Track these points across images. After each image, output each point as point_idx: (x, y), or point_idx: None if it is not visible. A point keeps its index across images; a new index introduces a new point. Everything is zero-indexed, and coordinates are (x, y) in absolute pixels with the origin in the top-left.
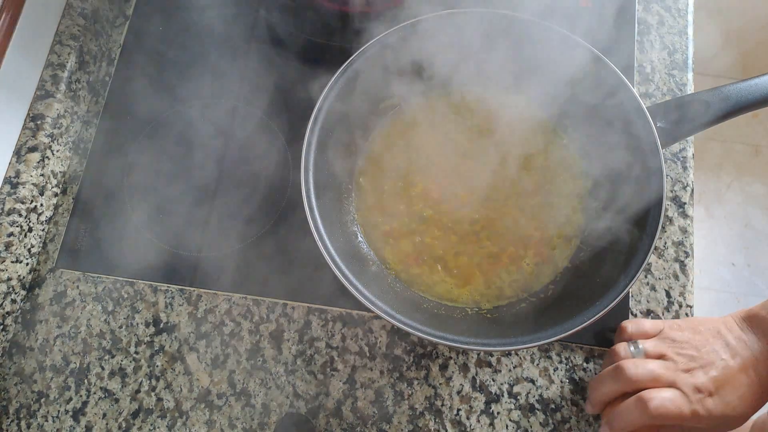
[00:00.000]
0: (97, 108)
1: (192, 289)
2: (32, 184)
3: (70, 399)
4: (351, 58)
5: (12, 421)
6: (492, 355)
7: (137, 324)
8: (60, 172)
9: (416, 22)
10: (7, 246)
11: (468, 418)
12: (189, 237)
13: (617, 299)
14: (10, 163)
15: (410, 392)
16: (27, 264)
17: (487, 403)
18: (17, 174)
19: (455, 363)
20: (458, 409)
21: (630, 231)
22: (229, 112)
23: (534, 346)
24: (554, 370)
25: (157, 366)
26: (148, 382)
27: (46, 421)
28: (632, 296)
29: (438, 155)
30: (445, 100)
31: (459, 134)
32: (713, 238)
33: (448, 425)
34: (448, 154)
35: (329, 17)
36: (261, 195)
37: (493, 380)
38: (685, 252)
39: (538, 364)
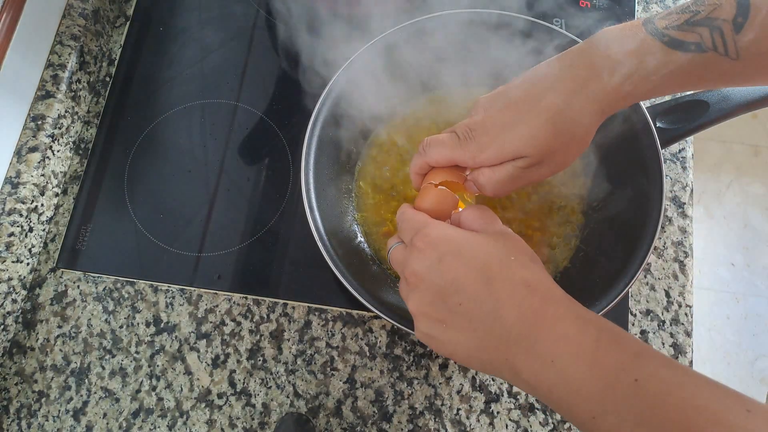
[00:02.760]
0: (97, 108)
1: (192, 288)
2: (33, 184)
3: (71, 399)
4: (351, 59)
5: (13, 420)
6: None
7: (138, 324)
8: (60, 172)
9: (418, 21)
10: (8, 246)
11: (468, 418)
12: (189, 237)
13: (617, 299)
14: (10, 163)
15: (410, 392)
16: (28, 264)
17: (487, 403)
18: (18, 174)
19: (455, 363)
20: (458, 409)
21: (629, 231)
22: (229, 112)
23: None
24: None
25: (158, 366)
26: (149, 381)
27: (47, 420)
28: (632, 296)
29: None
30: (445, 100)
31: None
32: (713, 238)
33: (448, 425)
34: None
35: (330, 17)
36: (261, 195)
37: (493, 380)
38: (685, 252)
39: None
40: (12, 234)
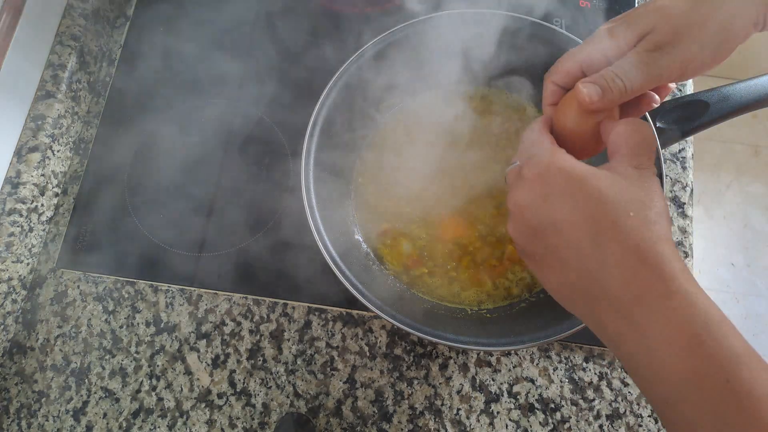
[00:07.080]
0: (97, 108)
1: (192, 288)
2: (33, 184)
3: (71, 399)
4: (351, 59)
5: (13, 420)
6: (492, 355)
7: (138, 324)
8: (61, 172)
9: (416, 22)
10: (8, 246)
11: (468, 418)
12: (189, 237)
13: None
14: (10, 163)
15: (410, 392)
16: (28, 264)
17: (487, 403)
18: (18, 174)
19: (455, 363)
20: (458, 409)
21: None
22: (229, 112)
23: (534, 346)
24: (554, 370)
25: (158, 366)
26: (149, 381)
27: (47, 420)
28: None
29: (437, 155)
30: (444, 100)
31: (459, 134)
32: (713, 238)
33: (448, 425)
34: (448, 153)
35: (330, 18)
36: (261, 195)
37: (493, 380)
38: (685, 252)
39: (537, 364)
40: (12, 234)
